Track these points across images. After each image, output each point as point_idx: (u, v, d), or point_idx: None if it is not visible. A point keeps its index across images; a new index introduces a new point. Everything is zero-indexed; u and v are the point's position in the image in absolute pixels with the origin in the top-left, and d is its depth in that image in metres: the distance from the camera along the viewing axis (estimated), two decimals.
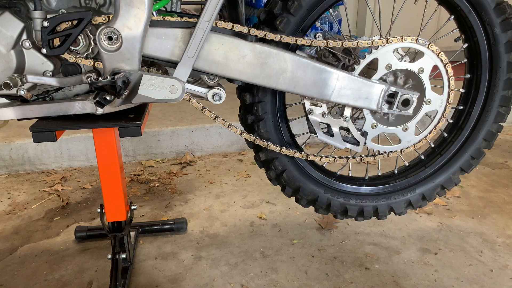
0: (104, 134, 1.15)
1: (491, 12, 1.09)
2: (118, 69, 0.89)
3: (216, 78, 1.01)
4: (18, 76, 0.87)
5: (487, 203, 1.76)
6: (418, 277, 1.31)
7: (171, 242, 1.49)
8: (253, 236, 1.53)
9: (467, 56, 1.21)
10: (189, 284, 1.28)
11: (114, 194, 1.23)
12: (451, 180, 1.28)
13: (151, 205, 1.75)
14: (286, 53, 0.98)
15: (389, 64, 1.06)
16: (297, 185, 1.20)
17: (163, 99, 0.92)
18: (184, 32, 0.92)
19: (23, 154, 2.04)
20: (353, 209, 1.26)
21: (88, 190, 1.88)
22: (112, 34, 0.87)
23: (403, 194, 1.28)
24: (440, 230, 1.56)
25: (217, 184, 1.94)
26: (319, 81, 1.01)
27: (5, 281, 1.29)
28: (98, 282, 1.29)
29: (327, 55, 1.11)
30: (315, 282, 1.29)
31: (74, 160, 2.12)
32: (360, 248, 1.45)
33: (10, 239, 1.51)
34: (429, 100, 1.11)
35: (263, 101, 1.10)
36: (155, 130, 2.18)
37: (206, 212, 1.69)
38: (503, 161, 2.19)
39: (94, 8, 0.95)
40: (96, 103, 0.91)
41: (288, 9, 1.02)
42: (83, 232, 1.49)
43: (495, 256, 1.41)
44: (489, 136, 1.24)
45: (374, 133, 1.13)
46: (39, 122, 0.97)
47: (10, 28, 0.86)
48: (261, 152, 1.18)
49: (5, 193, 1.86)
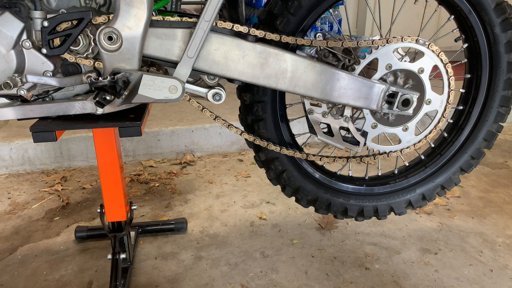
0: (104, 134, 1.16)
1: (491, 12, 1.09)
2: (118, 69, 0.89)
3: (216, 78, 1.01)
4: (18, 76, 0.86)
5: (487, 203, 1.76)
6: (418, 277, 1.31)
7: (171, 242, 1.49)
8: (253, 236, 1.53)
9: (467, 56, 1.21)
10: (189, 284, 1.28)
11: (114, 194, 1.23)
12: (451, 180, 1.28)
13: (151, 205, 1.75)
14: (286, 53, 0.98)
15: (389, 64, 1.06)
16: (297, 185, 1.20)
17: (163, 99, 0.92)
18: (184, 32, 0.92)
19: (23, 154, 2.04)
20: (353, 209, 1.26)
21: (88, 190, 1.88)
22: (112, 34, 0.87)
23: (403, 194, 1.28)
24: (440, 230, 1.56)
25: (217, 184, 1.94)
26: (319, 81, 1.01)
27: (5, 281, 1.29)
28: (98, 282, 1.29)
29: (327, 55, 1.11)
30: (315, 282, 1.29)
31: (74, 160, 2.12)
32: (360, 248, 1.45)
33: (10, 239, 1.51)
34: (429, 100, 1.11)
35: (263, 101, 1.10)
36: (155, 130, 2.18)
37: (206, 212, 1.69)
38: (503, 161, 2.19)
39: (94, 8, 0.95)
40: (96, 103, 0.91)
41: (288, 9, 1.02)
42: (83, 232, 1.49)
43: (495, 256, 1.41)
44: (489, 136, 1.24)
45: (374, 133, 1.13)
46: (39, 122, 0.96)
47: (10, 28, 0.86)
48: (261, 152, 1.18)
49: (5, 193, 1.86)
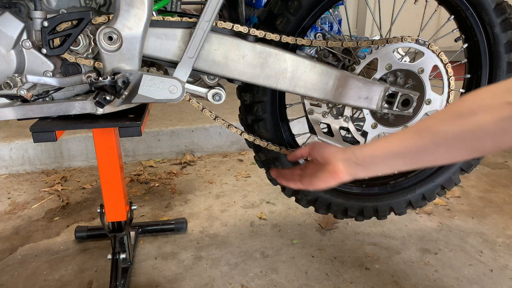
0: (104, 134, 1.15)
1: (491, 12, 1.09)
2: (118, 69, 0.89)
3: (216, 78, 1.01)
4: (18, 76, 0.86)
5: (487, 203, 1.76)
6: (418, 277, 1.31)
7: (171, 242, 1.49)
8: (253, 236, 1.53)
9: (467, 56, 1.21)
10: (189, 284, 1.28)
11: (114, 194, 1.23)
12: (451, 180, 1.28)
13: (151, 205, 1.75)
14: (286, 53, 0.98)
15: (389, 64, 1.06)
16: None
17: (163, 99, 0.92)
18: (184, 32, 0.92)
19: (23, 154, 2.04)
20: (353, 209, 1.26)
21: (88, 190, 1.88)
22: (112, 34, 0.87)
23: (403, 194, 1.28)
24: (440, 230, 1.56)
25: (217, 184, 1.94)
26: (319, 81, 1.01)
27: (5, 281, 1.29)
28: (98, 282, 1.29)
29: (327, 55, 1.11)
30: (315, 282, 1.29)
31: (74, 160, 2.12)
32: (360, 248, 1.45)
33: (10, 239, 1.51)
34: (429, 100, 1.11)
35: (263, 101, 1.10)
36: (155, 130, 2.18)
37: (206, 212, 1.69)
38: (503, 161, 2.19)
39: (94, 8, 0.95)
40: (96, 103, 0.91)
41: (288, 9, 1.02)
42: (83, 232, 1.49)
43: (495, 256, 1.41)
44: None
45: (374, 133, 1.13)
46: (39, 122, 0.96)
47: (10, 28, 0.86)
48: (261, 152, 1.18)
49: (5, 193, 1.86)
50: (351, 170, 0.82)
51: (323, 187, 0.88)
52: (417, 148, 0.71)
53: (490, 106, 0.62)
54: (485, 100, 0.63)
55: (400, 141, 0.74)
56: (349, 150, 0.84)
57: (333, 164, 0.85)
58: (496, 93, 0.62)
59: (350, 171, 0.82)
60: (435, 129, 0.69)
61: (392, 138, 0.76)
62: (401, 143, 0.74)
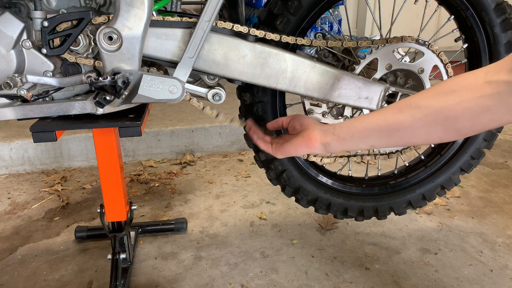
0: (104, 134, 1.15)
1: (491, 12, 1.09)
2: (118, 69, 0.89)
3: (216, 78, 1.01)
4: (18, 76, 0.86)
5: (487, 203, 1.76)
6: (418, 277, 1.31)
7: (171, 242, 1.49)
8: (253, 236, 1.53)
9: (467, 56, 1.21)
10: (189, 284, 1.28)
11: (114, 194, 1.23)
12: (451, 180, 1.28)
13: (151, 205, 1.75)
14: (286, 53, 0.98)
15: (389, 64, 1.06)
16: (297, 185, 1.20)
17: (163, 99, 0.92)
18: (184, 32, 0.92)
19: (23, 154, 2.04)
20: (353, 209, 1.26)
21: (88, 190, 1.88)
22: (112, 34, 0.87)
23: (403, 194, 1.28)
24: (440, 230, 1.56)
25: (217, 184, 1.94)
26: (319, 81, 1.01)
27: (5, 281, 1.29)
28: (98, 282, 1.29)
29: (327, 55, 1.11)
30: (315, 282, 1.29)
31: (74, 160, 2.12)
32: (360, 248, 1.45)
33: (10, 239, 1.51)
34: None
35: (263, 101, 1.10)
36: (155, 130, 2.18)
37: (206, 212, 1.69)
38: (503, 161, 2.19)
39: (94, 8, 0.95)
40: (96, 103, 0.91)
41: (288, 9, 1.02)
42: (83, 232, 1.49)
43: (495, 256, 1.41)
44: (489, 136, 1.24)
45: None
46: (39, 122, 0.96)
47: (10, 28, 0.86)
48: (261, 152, 1.18)
49: (5, 193, 1.86)
50: (326, 139, 0.83)
51: (293, 153, 0.88)
52: (395, 122, 0.72)
53: (470, 85, 0.64)
54: (466, 80, 0.66)
55: (379, 115, 0.75)
56: (330, 124, 0.86)
57: (310, 130, 0.86)
58: (476, 75, 0.65)
59: (324, 140, 0.83)
60: (415, 104, 0.70)
61: (372, 113, 0.77)
62: (380, 117, 0.75)
